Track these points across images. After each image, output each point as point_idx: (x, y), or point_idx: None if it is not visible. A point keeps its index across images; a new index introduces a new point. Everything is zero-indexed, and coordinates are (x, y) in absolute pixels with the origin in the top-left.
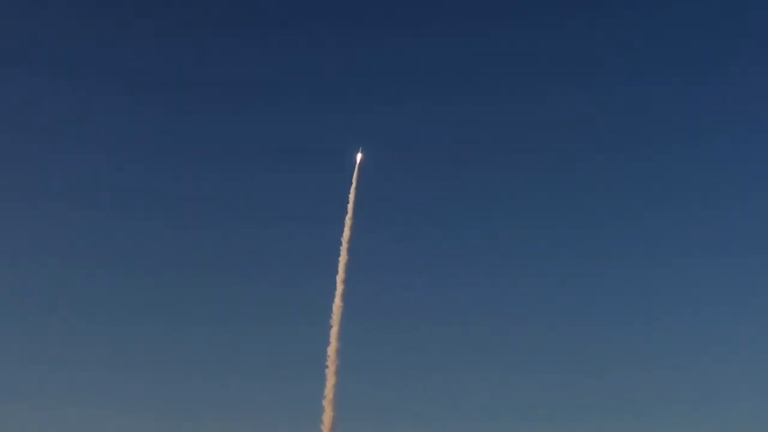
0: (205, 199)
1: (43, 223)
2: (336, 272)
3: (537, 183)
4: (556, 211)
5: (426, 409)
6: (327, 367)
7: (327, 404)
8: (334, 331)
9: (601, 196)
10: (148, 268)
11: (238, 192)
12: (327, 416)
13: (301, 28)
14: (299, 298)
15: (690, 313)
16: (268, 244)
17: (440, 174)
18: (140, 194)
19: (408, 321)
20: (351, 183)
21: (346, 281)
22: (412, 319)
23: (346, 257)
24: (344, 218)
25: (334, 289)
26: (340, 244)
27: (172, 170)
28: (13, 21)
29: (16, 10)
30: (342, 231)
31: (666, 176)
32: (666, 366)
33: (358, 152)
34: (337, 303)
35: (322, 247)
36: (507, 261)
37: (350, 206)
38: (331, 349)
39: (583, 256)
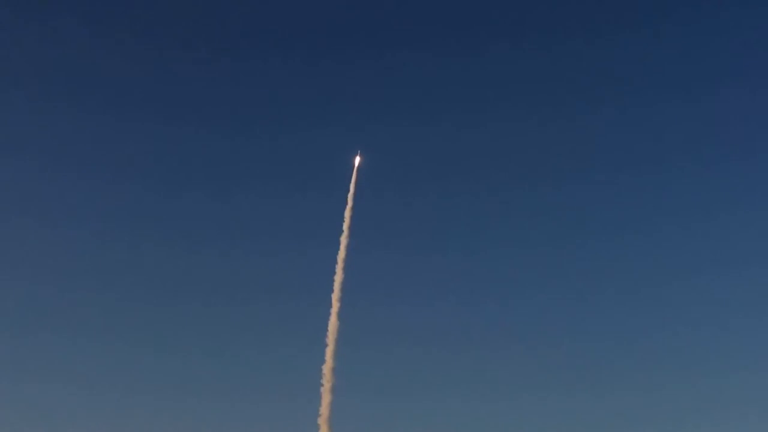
0: (198, 218)
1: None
2: (332, 290)
3: (536, 201)
4: (559, 229)
5: (422, 430)
6: (322, 385)
7: (322, 423)
8: (329, 350)
9: (601, 216)
10: (141, 288)
11: (232, 212)
12: None
13: (298, 45)
14: (294, 316)
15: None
16: (263, 262)
17: (438, 192)
18: (133, 213)
19: (405, 340)
20: (347, 201)
21: (342, 299)
22: (409, 337)
23: (342, 275)
24: (339, 236)
25: (330, 306)
26: (335, 262)
27: (165, 186)
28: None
29: (10, 29)
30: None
31: (666, 196)
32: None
33: (356, 156)
34: (333, 321)
35: (318, 264)
36: (507, 281)
37: (345, 225)
38: (327, 368)
39: (583, 276)
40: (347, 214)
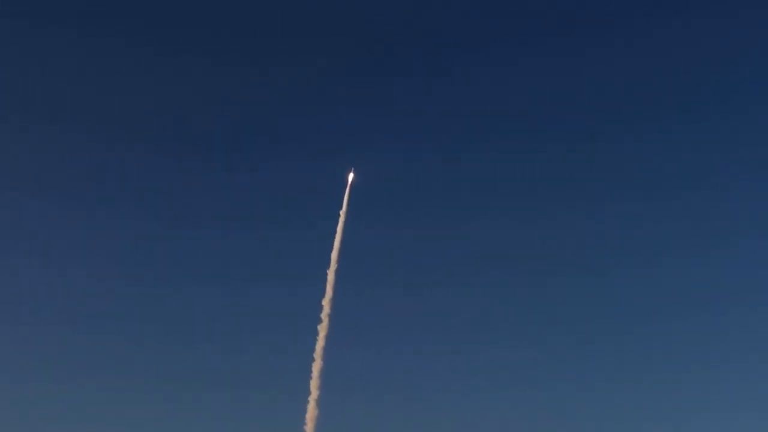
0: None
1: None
2: (310, 377)
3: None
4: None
5: None
6: None
7: None
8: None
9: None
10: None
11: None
12: None
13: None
14: (271, 401)
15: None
16: (241, 348)
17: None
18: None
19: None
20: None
21: (321, 387)
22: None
23: (321, 363)
24: (317, 325)
25: (308, 393)
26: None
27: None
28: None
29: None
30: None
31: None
32: None
33: (350, 172)
34: (312, 408)
35: (295, 351)
36: (502, 384)
37: (324, 313)
38: None
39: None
40: (326, 303)
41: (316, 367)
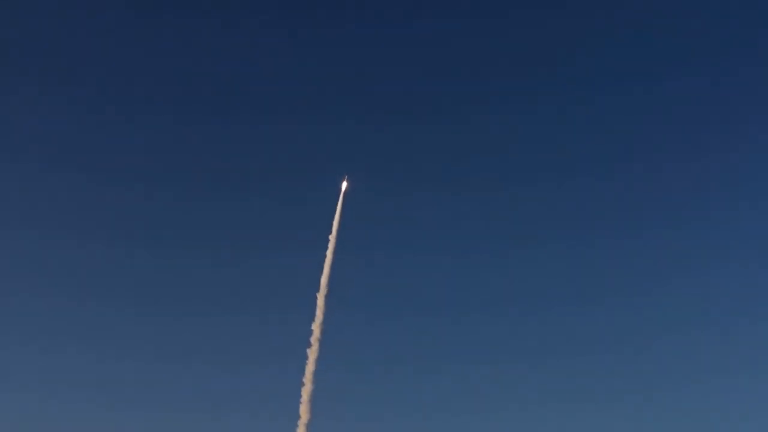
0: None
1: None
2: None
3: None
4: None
5: None
6: None
7: None
8: None
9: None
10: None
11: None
12: None
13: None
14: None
15: None
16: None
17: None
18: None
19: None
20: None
21: (312, 410)
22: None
23: (311, 386)
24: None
25: (298, 417)
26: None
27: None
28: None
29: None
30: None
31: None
32: None
33: (343, 180)
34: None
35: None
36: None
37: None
38: None
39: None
40: (316, 327)
41: (306, 391)
